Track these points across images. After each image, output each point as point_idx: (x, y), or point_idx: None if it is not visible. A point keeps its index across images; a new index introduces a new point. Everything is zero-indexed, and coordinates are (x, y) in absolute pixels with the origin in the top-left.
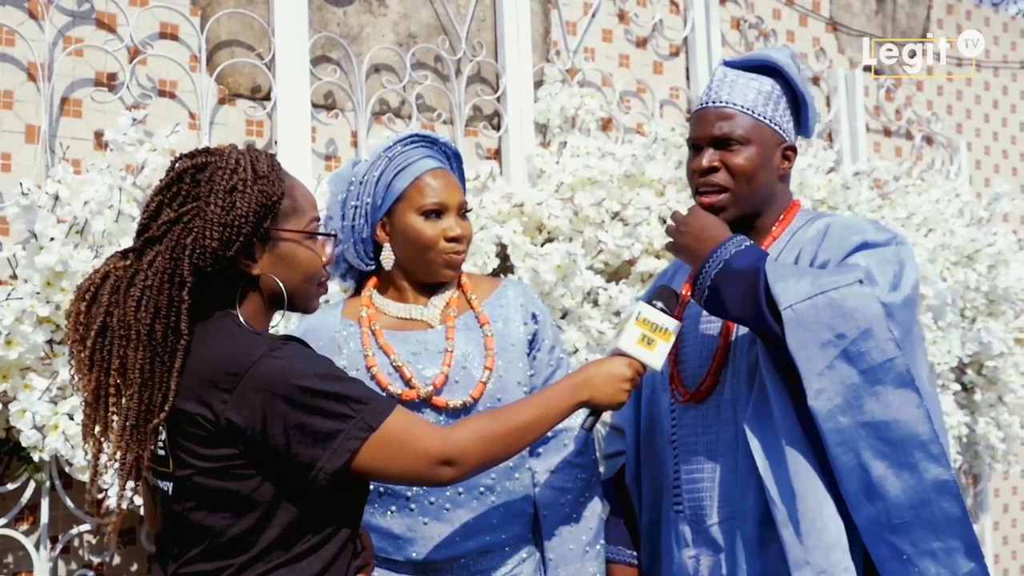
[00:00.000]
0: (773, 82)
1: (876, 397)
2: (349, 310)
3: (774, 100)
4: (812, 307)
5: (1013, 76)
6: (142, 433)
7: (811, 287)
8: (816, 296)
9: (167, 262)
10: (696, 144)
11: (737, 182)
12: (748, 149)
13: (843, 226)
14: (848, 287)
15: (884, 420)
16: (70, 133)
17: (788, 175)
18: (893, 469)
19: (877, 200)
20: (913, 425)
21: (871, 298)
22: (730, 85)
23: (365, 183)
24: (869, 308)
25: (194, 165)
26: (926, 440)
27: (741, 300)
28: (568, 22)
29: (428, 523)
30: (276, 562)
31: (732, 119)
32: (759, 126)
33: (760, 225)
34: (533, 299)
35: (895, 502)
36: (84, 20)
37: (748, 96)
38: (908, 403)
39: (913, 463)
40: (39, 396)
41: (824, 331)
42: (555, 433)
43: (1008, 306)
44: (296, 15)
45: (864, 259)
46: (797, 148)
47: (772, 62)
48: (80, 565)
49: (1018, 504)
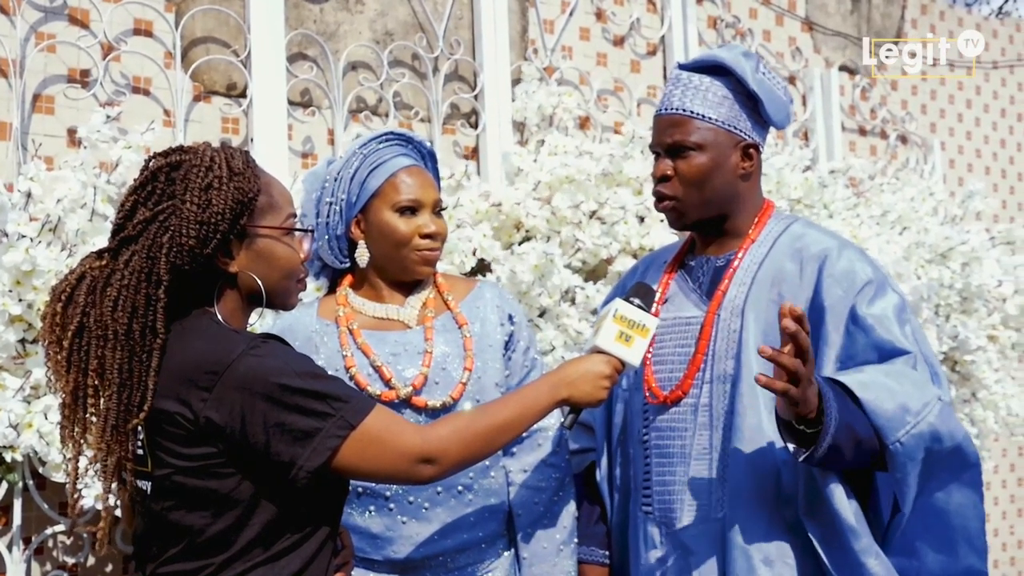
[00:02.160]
0: (724, 81)
1: (941, 491)
2: (325, 309)
3: (726, 101)
4: (916, 437)
5: (986, 75)
6: (122, 434)
7: (907, 414)
8: (918, 424)
9: (144, 261)
10: (655, 151)
11: (687, 190)
12: (699, 155)
13: (844, 257)
14: (937, 407)
15: (945, 510)
16: (42, 130)
17: (752, 173)
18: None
19: (852, 199)
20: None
21: (952, 416)
22: (682, 90)
23: (340, 180)
24: (958, 430)
25: (168, 163)
26: (975, 536)
27: (853, 451)
28: (546, 20)
29: (407, 522)
30: (255, 561)
31: (682, 126)
32: (711, 129)
33: (732, 228)
34: (509, 300)
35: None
36: (57, 16)
37: (698, 100)
38: (970, 504)
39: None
40: (12, 395)
41: (920, 464)
42: (529, 433)
43: (981, 303)
44: (272, 12)
45: (903, 333)
46: (759, 144)
47: (721, 62)
48: (54, 566)
49: (990, 499)
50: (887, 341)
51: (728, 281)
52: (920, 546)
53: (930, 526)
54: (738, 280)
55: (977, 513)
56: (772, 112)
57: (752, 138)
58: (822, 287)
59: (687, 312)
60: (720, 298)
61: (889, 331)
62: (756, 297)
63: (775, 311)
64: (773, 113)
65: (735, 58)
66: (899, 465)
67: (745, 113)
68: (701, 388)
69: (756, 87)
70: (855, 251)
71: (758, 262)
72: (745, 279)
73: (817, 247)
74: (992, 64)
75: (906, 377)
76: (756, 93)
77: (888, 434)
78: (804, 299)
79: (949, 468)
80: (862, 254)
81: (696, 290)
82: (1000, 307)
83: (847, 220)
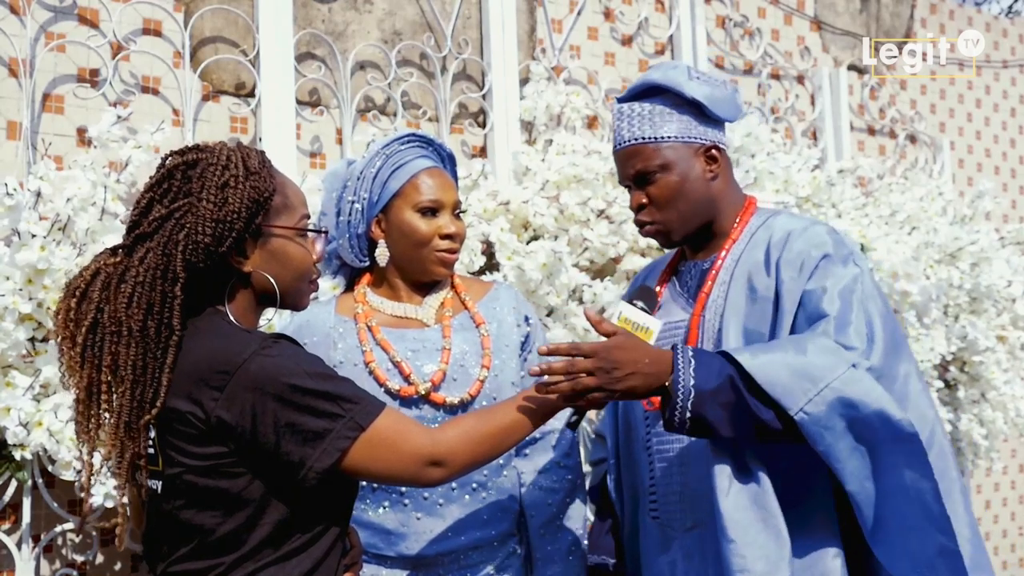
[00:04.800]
0: (663, 99)
1: (894, 472)
2: (343, 307)
3: (672, 116)
4: (823, 405)
5: (995, 75)
6: (135, 430)
7: (806, 382)
8: (822, 392)
9: (159, 258)
10: (625, 185)
11: (664, 211)
12: (665, 175)
13: (803, 237)
14: (845, 373)
15: (902, 490)
16: (52, 129)
17: (721, 174)
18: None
19: (861, 198)
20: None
21: (867, 382)
22: (627, 121)
23: (362, 179)
24: (873, 395)
25: (185, 162)
26: (936, 514)
27: (730, 420)
28: (554, 20)
29: (421, 518)
30: (265, 560)
31: (640, 154)
32: (668, 147)
33: (718, 229)
34: (524, 302)
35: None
36: (66, 15)
37: (646, 125)
38: (918, 478)
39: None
40: (22, 393)
41: (846, 435)
42: (542, 435)
43: (990, 304)
44: (280, 11)
45: (830, 297)
46: (719, 143)
47: (653, 83)
48: (63, 564)
49: (1000, 500)
50: (815, 310)
51: (711, 282)
52: (897, 533)
53: (896, 509)
54: (720, 280)
55: (928, 486)
56: (719, 110)
57: (709, 140)
58: (780, 273)
59: (676, 316)
60: (704, 300)
61: (822, 300)
62: (735, 294)
63: (750, 305)
64: (720, 111)
65: (665, 75)
66: (814, 436)
67: (694, 119)
68: None
69: (694, 93)
70: (821, 229)
71: (736, 259)
72: (725, 278)
73: (781, 232)
74: (1002, 63)
75: (816, 346)
76: (695, 99)
77: (788, 404)
78: (772, 287)
79: (887, 441)
80: (829, 232)
81: (683, 294)
82: (1009, 307)
83: (856, 220)
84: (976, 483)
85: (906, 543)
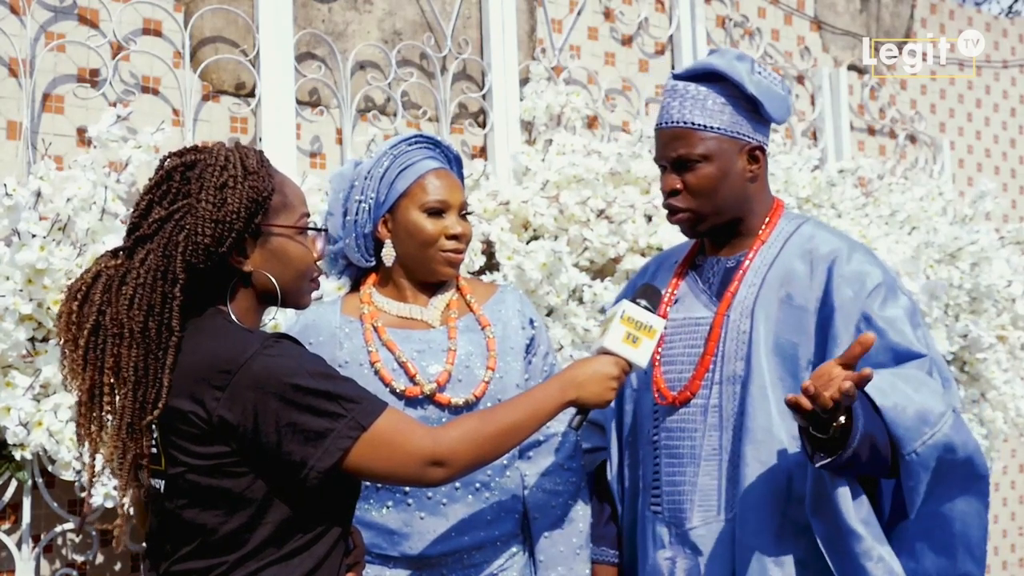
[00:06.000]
0: (721, 88)
1: (950, 496)
2: (348, 306)
3: (726, 108)
4: (932, 448)
5: (996, 75)
6: (137, 431)
7: (924, 424)
8: (935, 435)
9: (159, 259)
10: (660, 164)
11: (698, 201)
12: (706, 166)
13: (855, 258)
14: (951, 418)
15: (948, 516)
16: (52, 129)
17: (759, 176)
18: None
19: (861, 198)
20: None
21: (964, 427)
22: (680, 101)
23: (370, 179)
24: (970, 441)
25: (183, 163)
26: (974, 546)
27: (870, 460)
28: (554, 20)
29: (424, 518)
30: (268, 560)
31: (686, 139)
32: (714, 139)
33: (745, 229)
34: (529, 305)
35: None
36: (66, 15)
37: (697, 110)
38: (974, 512)
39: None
40: (22, 394)
41: (931, 473)
42: (545, 436)
43: (990, 303)
44: (280, 11)
45: (906, 326)
46: (764, 145)
47: (715, 69)
48: (63, 564)
49: (999, 500)
50: (901, 344)
51: (738, 282)
52: (920, 548)
53: (932, 529)
54: (748, 281)
55: (980, 523)
56: (772, 110)
57: (756, 140)
58: (832, 287)
59: (697, 313)
60: (730, 299)
61: (902, 334)
62: (766, 298)
63: (785, 311)
64: (773, 111)
65: (729, 64)
66: (913, 474)
67: (745, 116)
68: (711, 389)
69: (754, 90)
70: (865, 252)
71: (768, 263)
72: (755, 280)
73: (827, 247)
74: (1002, 63)
75: (924, 385)
76: (755, 96)
77: (906, 444)
78: (814, 299)
79: (959, 478)
80: (872, 256)
81: (706, 291)
82: (1009, 307)
83: (856, 220)
84: None
85: (934, 562)
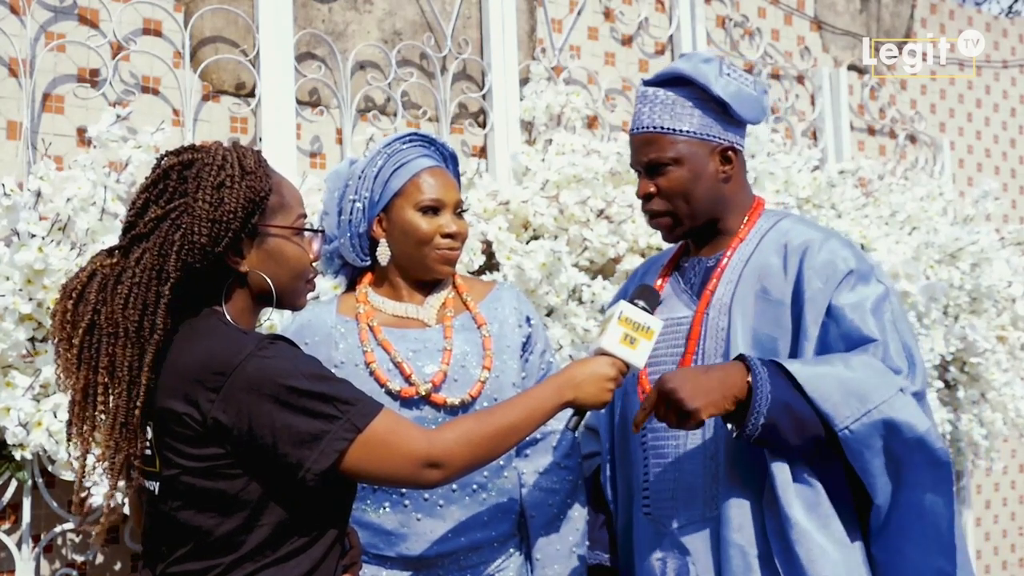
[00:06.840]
0: (689, 92)
1: (916, 490)
2: (344, 306)
3: (695, 111)
4: (868, 426)
5: (996, 75)
6: (131, 431)
7: (857, 401)
8: (870, 413)
9: (155, 258)
10: (636, 170)
11: (673, 203)
12: (677, 169)
13: (826, 248)
14: (898, 399)
15: (920, 509)
16: (52, 129)
17: (733, 176)
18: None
19: (861, 199)
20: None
21: (915, 408)
22: (650, 107)
23: (364, 178)
24: (920, 422)
25: (180, 162)
26: (945, 540)
27: (796, 430)
28: (554, 20)
29: (421, 519)
30: (264, 562)
31: (656, 143)
32: (684, 142)
33: (724, 228)
34: (526, 303)
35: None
36: (66, 15)
37: (667, 115)
38: (939, 503)
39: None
40: (22, 394)
41: (881, 454)
42: (542, 435)
43: (991, 304)
44: (280, 11)
45: (864, 316)
46: (736, 144)
47: (681, 73)
48: (63, 564)
49: (1000, 500)
50: (855, 330)
51: (716, 280)
52: (902, 545)
53: (910, 524)
54: (726, 279)
55: (946, 513)
56: (743, 111)
57: (727, 141)
58: (803, 279)
59: (678, 313)
60: (708, 297)
61: (860, 320)
62: (742, 294)
63: (762, 306)
64: (744, 112)
65: (695, 67)
66: (854, 453)
67: (715, 118)
68: None
69: (721, 92)
70: (839, 242)
71: (745, 259)
72: (732, 277)
73: (800, 239)
74: (1002, 64)
75: (866, 365)
76: (722, 98)
77: (834, 421)
78: (789, 292)
79: (923, 465)
80: (847, 245)
81: (687, 291)
82: (1009, 308)
83: (856, 220)
84: (976, 483)
85: (909, 555)
